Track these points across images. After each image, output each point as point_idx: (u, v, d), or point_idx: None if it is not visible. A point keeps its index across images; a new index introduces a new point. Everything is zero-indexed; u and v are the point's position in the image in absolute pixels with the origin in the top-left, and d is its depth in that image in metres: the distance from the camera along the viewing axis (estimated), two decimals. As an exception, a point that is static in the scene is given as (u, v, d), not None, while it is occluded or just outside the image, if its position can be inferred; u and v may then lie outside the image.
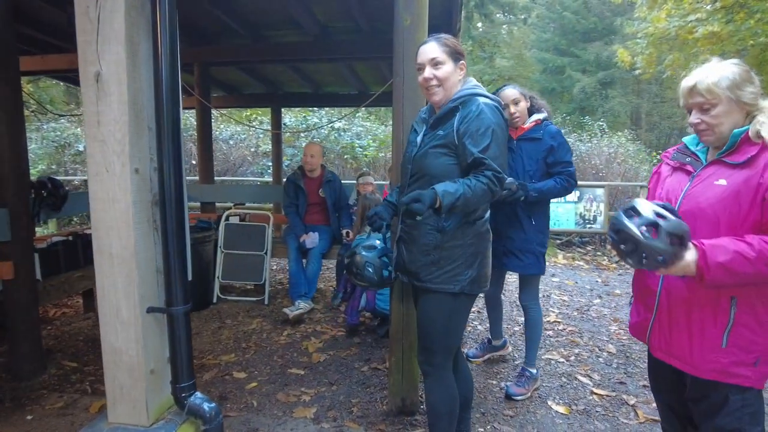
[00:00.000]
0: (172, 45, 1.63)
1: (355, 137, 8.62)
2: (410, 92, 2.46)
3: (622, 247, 1.36)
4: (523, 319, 3.11)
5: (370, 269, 2.13)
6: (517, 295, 3.07)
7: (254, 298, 4.72)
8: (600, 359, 3.44)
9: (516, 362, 3.38)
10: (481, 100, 1.87)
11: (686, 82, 1.49)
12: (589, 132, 10.00)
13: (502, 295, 3.31)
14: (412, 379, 2.62)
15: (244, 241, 4.76)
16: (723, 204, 1.41)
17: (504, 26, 27.48)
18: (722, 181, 1.43)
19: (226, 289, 4.90)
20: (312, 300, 4.29)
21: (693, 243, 1.36)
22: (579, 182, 7.48)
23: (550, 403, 2.82)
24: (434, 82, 1.93)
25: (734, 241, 1.35)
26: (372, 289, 3.47)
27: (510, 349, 3.48)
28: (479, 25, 25.24)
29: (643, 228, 1.30)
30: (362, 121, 10.65)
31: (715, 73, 1.44)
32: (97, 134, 1.60)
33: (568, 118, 13.49)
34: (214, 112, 7.01)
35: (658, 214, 1.32)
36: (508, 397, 2.85)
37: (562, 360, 3.41)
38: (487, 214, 1.99)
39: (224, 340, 3.74)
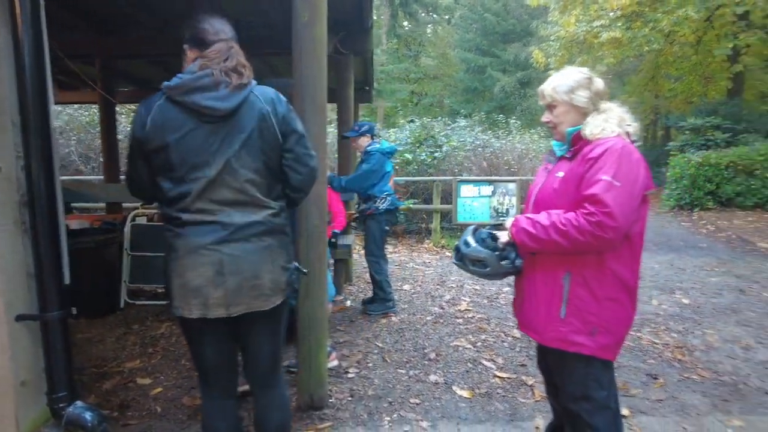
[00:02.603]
0: (36, 33, 1.53)
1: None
2: (310, 89, 2.46)
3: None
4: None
5: None
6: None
7: (165, 302, 4.50)
8: (505, 344, 3.64)
9: (429, 342, 3.49)
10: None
11: (540, 86, 1.77)
12: (504, 130, 10.49)
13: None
14: (319, 375, 2.64)
15: (153, 242, 4.53)
16: (558, 191, 1.67)
17: (429, 26, 28.10)
18: (560, 173, 1.70)
19: (134, 293, 4.65)
20: (226, 301, 4.18)
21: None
22: (493, 177, 7.95)
23: (454, 388, 2.94)
24: None
25: (545, 213, 1.62)
26: None
27: (336, 362, 3.23)
28: (405, 23, 25.63)
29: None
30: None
31: (558, 79, 1.73)
32: (-51, 129, 1.48)
33: (486, 116, 14.06)
34: (124, 107, 6.63)
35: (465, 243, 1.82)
36: None
37: (469, 346, 3.57)
38: (184, 226, 1.62)
39: (129, 346, 3.56)
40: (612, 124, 1.64)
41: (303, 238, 2.51)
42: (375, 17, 24.80)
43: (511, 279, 1.87)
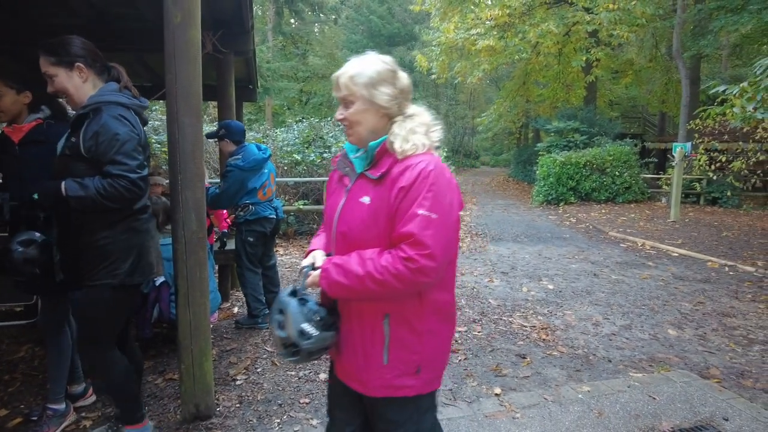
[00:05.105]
0: None
1: (152, 132, 7.86)
2: (183, 90, 2.39)
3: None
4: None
5: (28, 266, 2.10)
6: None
7: (26, 321, 4.04)
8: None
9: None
10: (108, 110, 1.97)
11: (335, 73, 1.43)
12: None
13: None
14: (204, 384, 2.57)
15: (7, 255, 4.03)
16: (365, 224, 1.36)
17: (316, 25, 28.00)
18: (366, 199, 1.37)
19: (-15, 315, 4.10)
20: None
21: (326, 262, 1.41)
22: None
23: (344, 384, 3.03)
24: (60, 94, 2.05)
25: (357, 257, 1.34)
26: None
27: (93, 397, 2.81)
28: (292, 21, 25.30)
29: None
30: (160, 115, 9.72)
31: (356, 67, 1.38)
32: None
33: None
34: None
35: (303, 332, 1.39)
36: None
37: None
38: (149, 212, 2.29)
39: (-21, 376, 3.15)
40: (419, 135, 1.37)
41: (181, 244, 2.43)
42: (260, 13, 24.18)
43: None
